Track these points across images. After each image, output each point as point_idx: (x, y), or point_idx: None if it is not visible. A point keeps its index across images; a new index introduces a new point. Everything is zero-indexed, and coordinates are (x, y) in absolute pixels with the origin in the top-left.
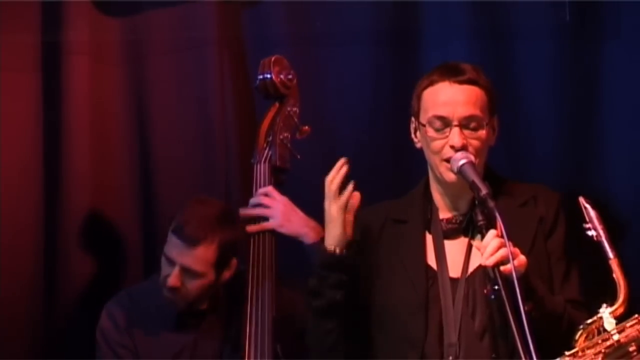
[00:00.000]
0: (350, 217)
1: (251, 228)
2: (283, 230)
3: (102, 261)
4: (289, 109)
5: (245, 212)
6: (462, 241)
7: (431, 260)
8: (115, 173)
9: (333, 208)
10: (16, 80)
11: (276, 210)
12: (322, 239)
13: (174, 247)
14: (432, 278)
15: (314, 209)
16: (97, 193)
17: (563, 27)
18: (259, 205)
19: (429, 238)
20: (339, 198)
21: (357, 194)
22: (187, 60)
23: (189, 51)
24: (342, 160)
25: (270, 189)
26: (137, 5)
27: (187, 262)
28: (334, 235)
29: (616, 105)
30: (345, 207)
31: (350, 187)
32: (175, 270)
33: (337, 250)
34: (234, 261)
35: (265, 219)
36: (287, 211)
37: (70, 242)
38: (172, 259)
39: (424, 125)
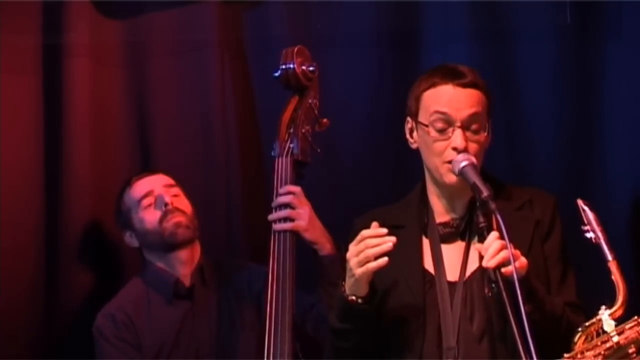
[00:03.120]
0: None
1: (278, 226)
2: (307, 235)
3: (103, 265)
4: (310, 101)
5: (276, 215)
6: (459, 245)
7: (428, 265)
8: (116, 174)
9: (359, 270)
10: (17, 83)
11: (304, 213)
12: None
13: (142, 187)
14: (429, 282)
15: (314, 211)
16: (98, 195)
17: (564, 28)
18: (287, 205)
19: (425, 242)
20: (368, 264)
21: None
22: (188, 62)
23: (189, 53)
24: (384, 231)
25: (299, 190)
26: (138, 7)
27: (161, 181)
28: (354, 289)
29: (617, 107)
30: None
31: (385, 260)
32: (159, 192)
33: (360, 301)
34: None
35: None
36: (312, 217)
37: (71, 246)
38: (149, 191)
39: (425, 126)
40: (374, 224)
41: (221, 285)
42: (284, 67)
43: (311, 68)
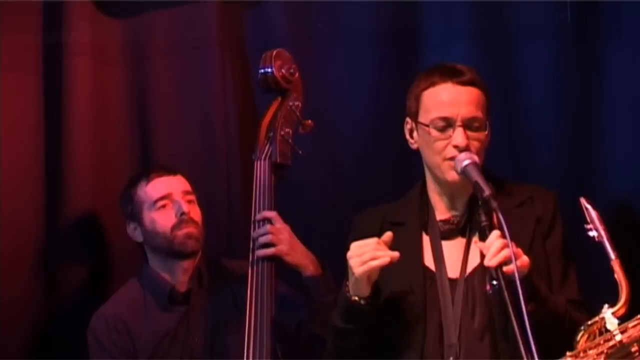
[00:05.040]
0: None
1: (260, 253)
2: (288, 258)
3: (103, 264)
4: (290, 103)
5: (258, 241)
6: (460, 242)
7: (429, 262)
8: (116, 174)
9: (359, 270)
10: (17, 81)
11: (283, 238)
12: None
13: (159, 187)
14: (430, 279)
15: (315, 211)
16: (98, 193)
17: (564, 27)
18: (266, 233)
19: (426, 239)
20: (370, 262)
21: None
22: (189, 61)
23: (190, 52)
24: (389, 234)
25: (274, 214)
26: (138, 6)
27: (180, 186)
28: (356, 289)
29: (617, 105)
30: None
31: (386, 259)
32: (177, 198)
33: (362, 302)
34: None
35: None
36: (292, 240)
37: (71, 243)
38: (166, 194)
39: (426, 126)
40: (388, 233)
41: (219, 287)
42: (262, 71)
43: (291, 70)
